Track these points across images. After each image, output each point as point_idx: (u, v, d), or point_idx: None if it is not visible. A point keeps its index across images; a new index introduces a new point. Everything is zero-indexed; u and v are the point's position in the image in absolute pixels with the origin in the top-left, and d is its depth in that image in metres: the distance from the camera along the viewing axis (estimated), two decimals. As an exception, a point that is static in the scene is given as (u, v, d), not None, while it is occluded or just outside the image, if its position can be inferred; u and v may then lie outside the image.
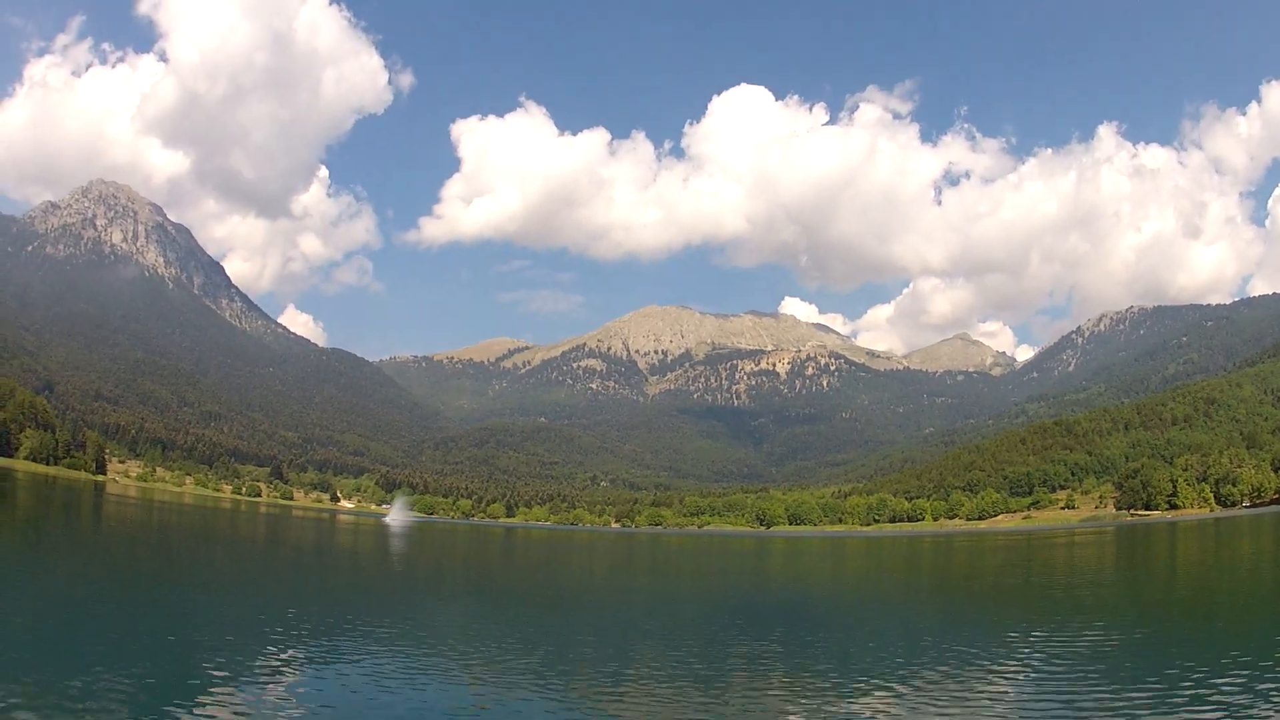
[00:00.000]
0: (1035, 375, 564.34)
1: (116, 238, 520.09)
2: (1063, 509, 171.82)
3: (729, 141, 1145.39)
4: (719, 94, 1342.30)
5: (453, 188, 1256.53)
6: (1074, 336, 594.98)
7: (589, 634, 23.85)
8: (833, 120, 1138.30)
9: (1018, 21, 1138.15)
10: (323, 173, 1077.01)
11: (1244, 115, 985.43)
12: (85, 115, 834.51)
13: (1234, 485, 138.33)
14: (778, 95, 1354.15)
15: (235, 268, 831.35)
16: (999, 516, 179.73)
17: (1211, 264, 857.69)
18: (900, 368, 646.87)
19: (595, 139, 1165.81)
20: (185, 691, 13.24)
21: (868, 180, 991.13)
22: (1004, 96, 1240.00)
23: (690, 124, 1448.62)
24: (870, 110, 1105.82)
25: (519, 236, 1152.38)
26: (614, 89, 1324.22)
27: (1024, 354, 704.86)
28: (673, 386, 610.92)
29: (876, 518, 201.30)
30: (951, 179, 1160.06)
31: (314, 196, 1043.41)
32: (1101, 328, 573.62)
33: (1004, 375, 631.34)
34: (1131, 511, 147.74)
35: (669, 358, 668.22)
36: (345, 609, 25.30)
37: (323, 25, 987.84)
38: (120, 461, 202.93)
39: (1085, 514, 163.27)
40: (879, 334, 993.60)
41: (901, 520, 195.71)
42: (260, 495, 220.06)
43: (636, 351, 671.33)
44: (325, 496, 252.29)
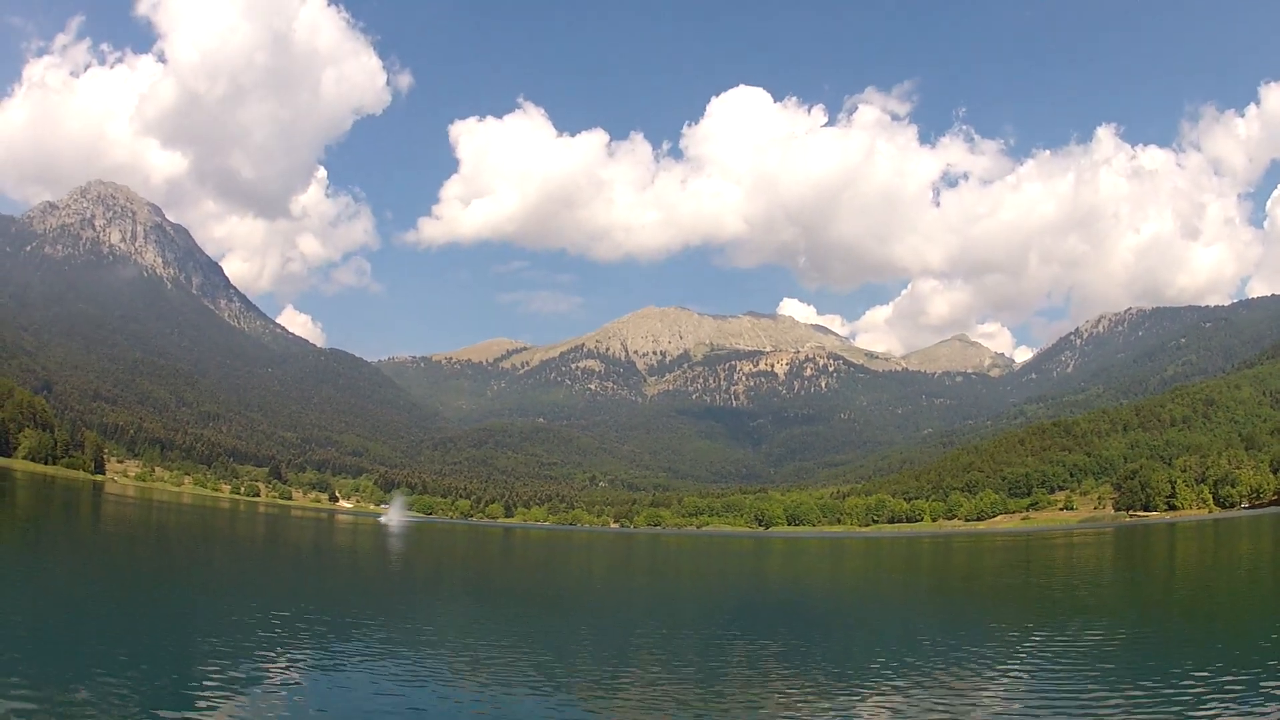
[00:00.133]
0: (1034, 376, 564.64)
1: (115, 238, 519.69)
2: (1061, 510, 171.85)
3: (728, 143, 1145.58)
4: (718, 95, 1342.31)
5: (451, 188, 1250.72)
6: (1072, 338, 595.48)
7: (588, 634, 23.83)
8: (831, 121, 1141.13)
9: (1016, 22, 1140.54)
10: (321, 173, 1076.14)
11: (1243, 117, 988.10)
12: (84, 115, 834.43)
13: (1233, 486, 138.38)
14: (776, 96, 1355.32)
15: (234, 268, 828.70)
16: (997, 517, 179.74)
17: (1210, 265, 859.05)
18: (899, 369, 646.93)
19: (594, 140, 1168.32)
20: (185, 691, 13.22)
21: (866, 181, 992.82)
22: (1002, 98, 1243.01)
23: (689, 125, 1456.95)
24: (869, 111, 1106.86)
25: (518, 237, 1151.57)
26: (613, 90, 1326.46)
27: (1022, 355, 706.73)
28: (671, 387, 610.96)
29: (875, 518, 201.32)
30: (950, 180, 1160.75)
31: (313, 197, 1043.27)
32: (1100, 329, 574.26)
33: (1002, 376, 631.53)
34: (1130, 512, 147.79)
35: (667, 358, 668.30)
36: (344, 609, 25.27)
37: (322, 26, 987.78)
38: (119, 461, 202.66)
39: (1084, 515, 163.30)
40: (878, 335, 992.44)
41: (900, 521, 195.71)
42: (259, 495, 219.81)
43: (635, 352, 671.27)
44: (324, 496, 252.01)
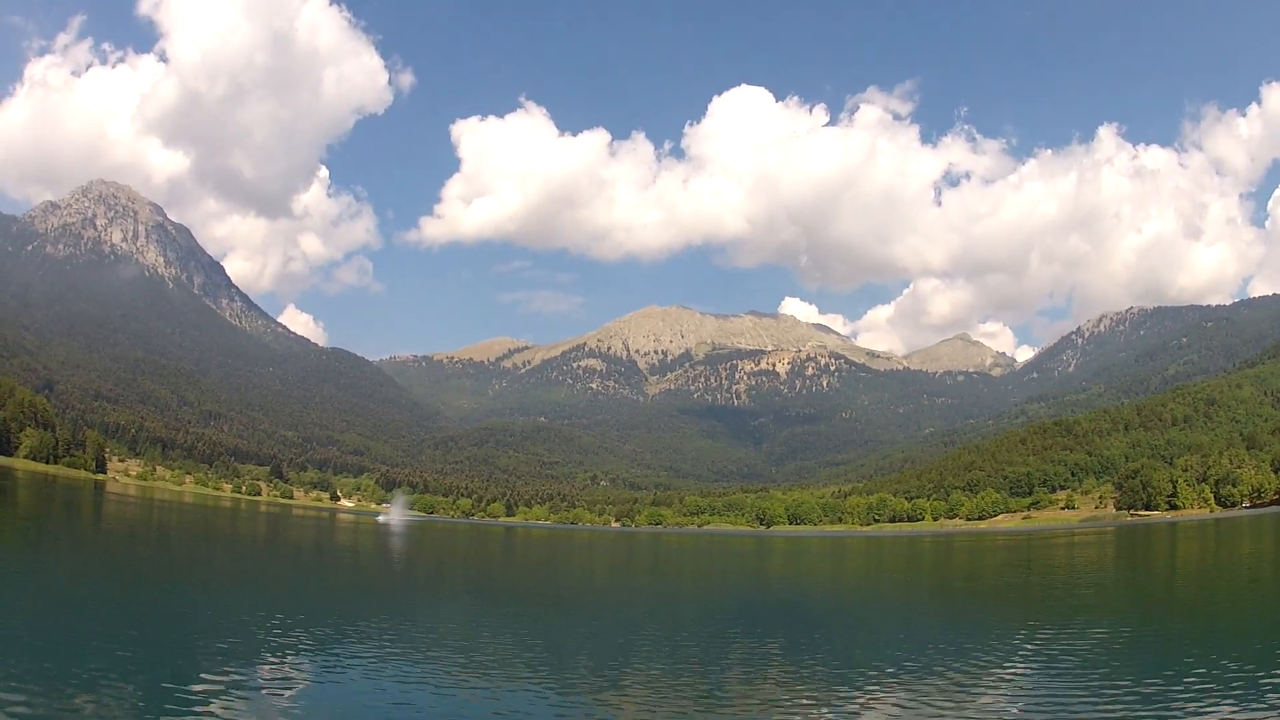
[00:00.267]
0: (1035, 376, 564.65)
1: (116, 237, 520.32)
2: (1063, 509, 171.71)
3: (729, 142, 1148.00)
4: (719, 94, 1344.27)
5: (453, 188, 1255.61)
6: (1074, 337, 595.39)
7: (589, 634, 23.81)
8: (833, 121, 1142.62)
9: (1017, 22, 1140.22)
10: (323, 173, 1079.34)
11: (1244, 116, 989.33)
12: (85, 115, 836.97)
13: (1234, 486, 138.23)
14: (778, 96, 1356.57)
15: (235, 267, 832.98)
16: (999, 516, 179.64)
17: (1212, 265, 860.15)
18: (900, 368, 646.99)
19: (595, 139, 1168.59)
20: (185, 691, 13.21)
21: (868, 181, 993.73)
22: (1004, 97, 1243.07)
23: (690, 125, 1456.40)
24: (870, 111, 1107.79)
25: (519, 237, 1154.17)
26: (614, 89, 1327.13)
27: (1024, 354, 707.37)
28: (673, 386, 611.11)
29: (876, 517, 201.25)
30: (952, 180, 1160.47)
31: (314, 196, 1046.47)
32: (1101, 328, 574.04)
33: (1004, 375, 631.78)
34: (1131, 512, 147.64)
35: (669, 358, 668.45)
36: (345, 608, 25.27)
37: (323, 25, 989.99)
38: (120, 460, 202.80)
39: (1085, 514, 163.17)
40: (879, 334, 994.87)
41: (901, 520, 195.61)
42: (260, 494, 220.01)
43: (636, 351, 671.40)
44: (325, 496, 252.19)
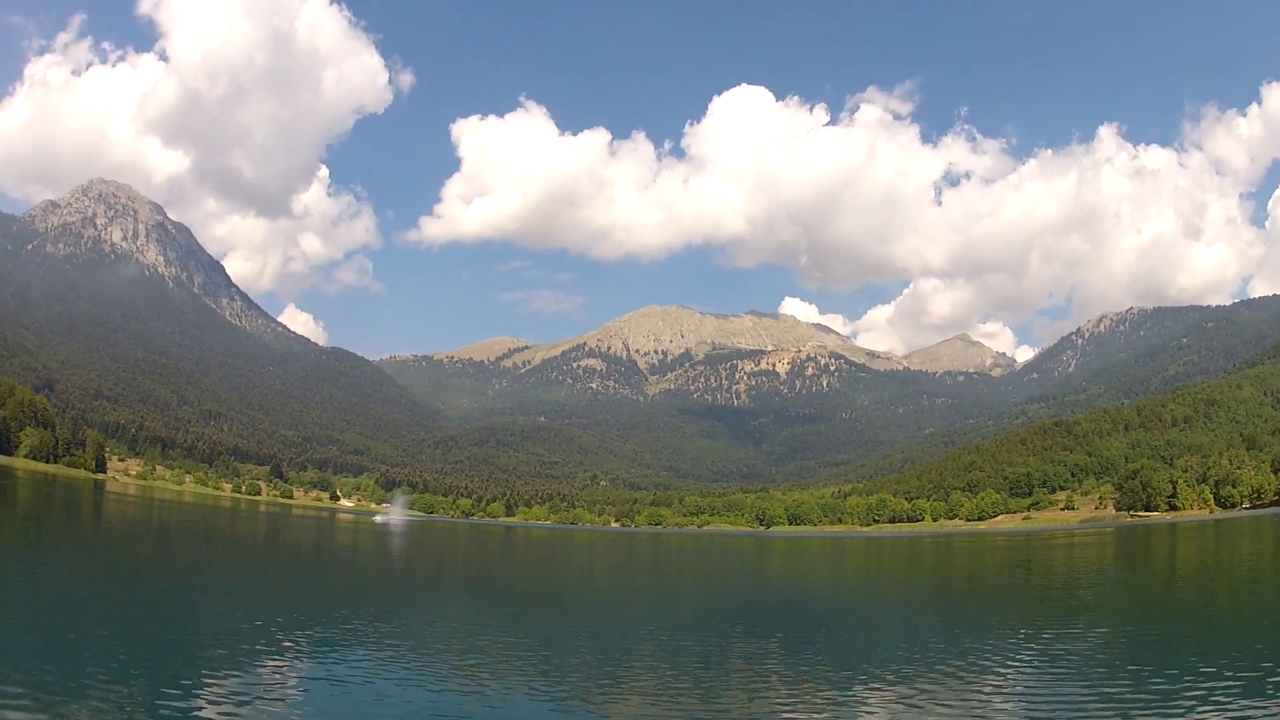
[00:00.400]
0: (1035, 376, 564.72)
1: (117, 237, 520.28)
2: (1062, 510, 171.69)
3: (729, 142, 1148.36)
4: (719, 94, 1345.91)
5: (453, 187, 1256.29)
6: (1074, 337, 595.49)
7: (589, 634, 23.81)
8: (833, 121, 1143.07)
9: (1018, 22, 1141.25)
10: (323, 172, 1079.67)
11: (1244, 116, 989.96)
12: (85, 114, 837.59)
13: (1234, 487, 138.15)
14: (778, 96, 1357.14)
15: (235, 267, 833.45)
16: (999, 517, 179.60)
17: (1212, 265, 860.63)
18: (900, 368, 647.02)
19: (595, 139, 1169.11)
20: (185, 691, 13.21)
21: (868, 181, 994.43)
22: (1004, 97, 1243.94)
23: (690, 124, 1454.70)
24: (871, 111, 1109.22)
25: (519, 236, 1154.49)
26: (614, 89, 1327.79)
27: (1024, 355, 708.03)
28: (673, 386, 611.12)
29: (876, 518, 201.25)
30: (952, 179, 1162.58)
31: (314, 196, 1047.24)
32: (1101, 329, 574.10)
33: (1004, 376, 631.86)
34: (1131, 512, 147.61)
35: (669, 358, 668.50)
36: (345, 609, 25.26)
37: (323, 25, 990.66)
38: (120, 460, 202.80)
39: (1085, 515, 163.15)
40: (879, 334, 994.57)
41: (901, 520, 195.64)
42: (260, 494, 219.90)
43: (636, 351, 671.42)
44: (325, 495, 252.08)
